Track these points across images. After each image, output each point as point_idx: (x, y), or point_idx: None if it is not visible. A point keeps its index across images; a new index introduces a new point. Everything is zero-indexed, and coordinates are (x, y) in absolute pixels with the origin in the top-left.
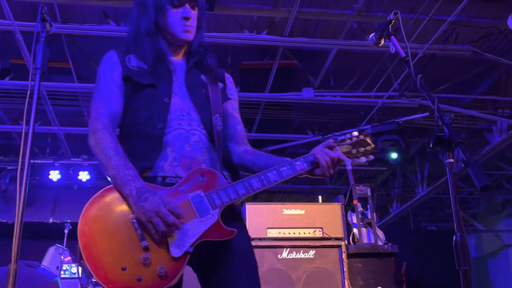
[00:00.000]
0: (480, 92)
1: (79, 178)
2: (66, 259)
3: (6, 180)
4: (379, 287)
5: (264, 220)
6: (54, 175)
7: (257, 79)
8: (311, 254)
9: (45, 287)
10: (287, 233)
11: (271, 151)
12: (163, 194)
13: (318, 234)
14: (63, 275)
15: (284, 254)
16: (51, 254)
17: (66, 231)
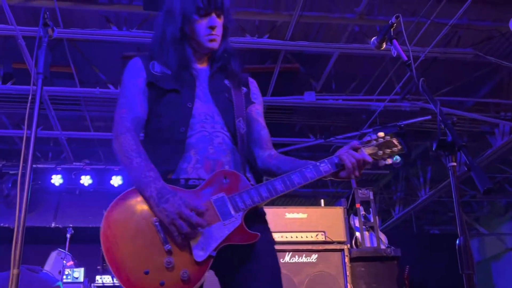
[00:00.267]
0: (482, 95)
1: (81, 182)
2: (68, 263)
3: (9, 184)
4: None
5: None
6: (56, 180)
7: (258, 82)
8: (313, 258)
9: None
10: (289, 237)
11: None
12: (184, 195)
13: (321, 238)
14: (65, 280)
15: (287, 258)
16: (53, 258)
17: (68, 236)
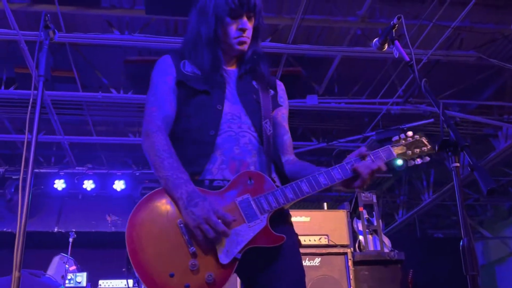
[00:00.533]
0: (485, 98)
1: (84, 187)
2: (71, 268)
3: (11, 189)
4: None
5: None
6: (59, 184)
7: None
8: (316, 261)
9: None
10: None
11: None
12: (213, 200)
13: (324, 241)
14: (68, 284)
15: None
16: (56, 263)
17: (71, 240)
